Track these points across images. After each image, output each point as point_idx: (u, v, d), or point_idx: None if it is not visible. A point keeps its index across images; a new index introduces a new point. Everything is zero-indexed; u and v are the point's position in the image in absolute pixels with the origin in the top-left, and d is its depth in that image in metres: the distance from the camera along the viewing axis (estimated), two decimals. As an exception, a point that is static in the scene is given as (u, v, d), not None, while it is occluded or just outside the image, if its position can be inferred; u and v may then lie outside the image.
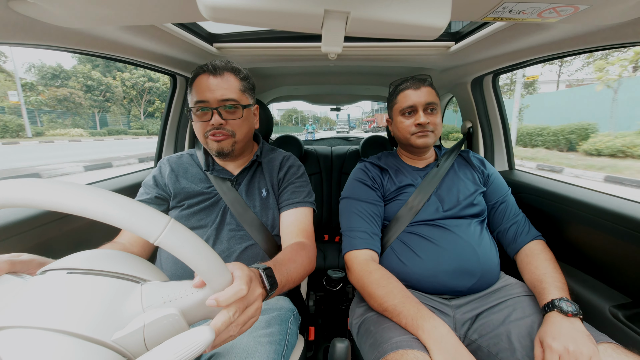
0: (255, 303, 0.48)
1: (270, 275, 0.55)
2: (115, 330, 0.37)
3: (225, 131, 0.84)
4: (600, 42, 0.79)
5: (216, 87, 0.81)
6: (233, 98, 0.83)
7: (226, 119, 0.83)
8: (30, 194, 0.34)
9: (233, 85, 0.83)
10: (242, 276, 0.45)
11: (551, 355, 0.62)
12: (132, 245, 0.81)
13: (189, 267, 0.39)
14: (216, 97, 0.81)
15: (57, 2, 0.57)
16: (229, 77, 0.84)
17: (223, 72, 0.83)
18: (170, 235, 0.37)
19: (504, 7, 0.58)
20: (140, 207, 0.37)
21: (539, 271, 0.82)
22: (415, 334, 0.68)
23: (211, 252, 0.42)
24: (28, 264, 0.48)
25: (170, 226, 0.37)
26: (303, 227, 0.87)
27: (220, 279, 0.43)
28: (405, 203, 0.96)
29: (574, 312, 0.68)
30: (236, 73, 0.86)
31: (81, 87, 25.25)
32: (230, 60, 0.87)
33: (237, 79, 0.85)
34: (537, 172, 1.84)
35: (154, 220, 0.37)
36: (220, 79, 0.82)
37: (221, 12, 0.42)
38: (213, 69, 0.82)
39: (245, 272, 0.47)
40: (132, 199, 0.38)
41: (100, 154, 11.86)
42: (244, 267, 0.49)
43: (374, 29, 0.47)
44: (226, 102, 0.82)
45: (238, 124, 0.85)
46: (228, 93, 0.82)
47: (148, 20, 0.71)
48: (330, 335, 1.41)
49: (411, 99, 0.97)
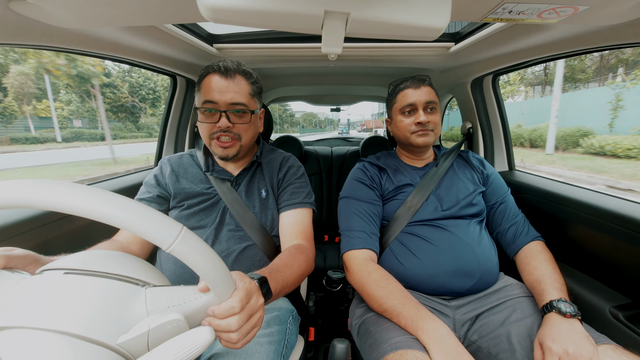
0: (257, 312, 0.49)
1: (263, 284, 0.56)
2: (119, 333, 0.37)
3: (232, 134, 0.83)
4: (600, 42, 0.79)
5: (226, 90, 0.80)
6: (243, 102, 0.82)
7: (234, 122, 0.82)
8: (47, 196, 0.34)
9: (244, 89, 0.83)
10: (240, 291, 0.46)
11: (551, 357, 0.62)
12: (131, 244, 0.81)
13: (189, 268, 0.39)
14: (226, 99, 0.80)
15: (57, 3, 0.57)
16: (240, 80, 0.83)
17: (235, 75, 0.82)
18: (182, 243, 0.38)
19: (503, 7, 0.58)
20: (154, 213, 0.38)
21: (537, 272, 0.82)
22: (415, 335, 0.68)
23: (219, 261, 0.42)
24: (23, 260, 0.47)
25: (183, 234, 0.38)
26: (302, 228, 0.87)
27: (225, 287, 0.44)
28: (404, 202, 0.96)
29: (572, 313, 0.68)
30: (247, 77, 0.85)
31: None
32: (241, 63, 0.86)
33: (248, 82, 0.84)
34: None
35: (168, 228, 0.37)
36: (231, 82, 0.81)
37: (221, 13, 0.42)
38: (225, 71, 0.81)
39: (245, 285, 0.48)
40: (147, 206, 0.38)
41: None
42: (245, 278, 0.50)
43: (374, 29, 0.47)
44: (235, 105, 0.81)
45: (245, 128, 0.84)
46: (238, 97, 0.81)
47: (148, 21, 0.71)
48: (330, 336, 1.41)
49: (411, 98, 0.97)
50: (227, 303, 0.44)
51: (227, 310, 0.44)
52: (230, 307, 0.44)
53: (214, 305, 0.44)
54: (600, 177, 6.47)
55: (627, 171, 6.69)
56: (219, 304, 0.44)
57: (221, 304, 0.44)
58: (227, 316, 0.44)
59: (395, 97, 1.03)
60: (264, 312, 0.52)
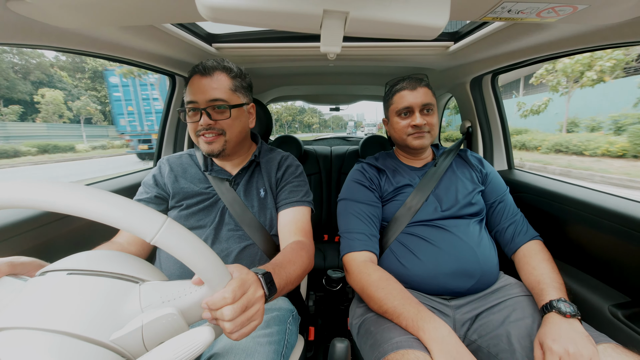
0: (256, 305, 0.48)
1: (269, 280, 0.55)
2: (113, 331, 0.37)
3: (215, 130, 0.83)
4: (599, 41, 0.79)
5: (205, 88, 0.81)
6: (221, 98, 0.82)
7: (215, 119, 0.83)
8: (24, 194, 0.34)
9: (223, 85, 0.83)
10: (234, 281, 0.45)
11: (552, 357, 0.62)
12: (130, 244, 0.81)
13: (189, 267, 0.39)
14: (205, 97, 0.81)
15: (55, 2, 0.57)
16: (219, 76, 0.83)
17: (213, 72, 0.83)
18: (166, 234, 0.37)
19: (502, 7, 0.58)
20: (136, 206, 0.37)
21: (536, 272, 0.82)
22: (416, 335, 0.68)
23: (209, 251, 0.41)
24: (28, 266, 0.48)
25: (166, 225, 0.37)
26: (301, 225, 0.87)
27: (219, 277, 0.43)
28: (403, 203, 0.96)
29: (572, 313, 0.69)
30: (228, 72, 0.85)
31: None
32: (225, 59, 0.87)
33: (228, 77, 0.85)
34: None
35: (150, 219, 0.37)
36: (210, 79, 0.82)
37: (220, 13, 0.42)
38: (203, 69, 0.83)
39: (242, 276, 0.47)
40: (128, 198, 0.38)
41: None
42: (242, 270, 0.49)
43: (373, 29, 0.47)
44: (215, 102, 0.82)
45: (228, 123, 0.84)
46: (217, 93, 0.82)
47: (147, 21, 0.71)
48: (330, 336, 1.41)
49: (407, 100, 0.97)
50: (220, 293, 0.43)
51: (220, 301, 0.43)
52: (222, 298, 0.43)
53: (208, 297, 0.43)
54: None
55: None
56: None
57: (214, 294, 0.43)
58: (220, 307, 0.43)
59: (391, 98, 1.02)
60: (263, 304, 0.50)
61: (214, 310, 0.43)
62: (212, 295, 0.43)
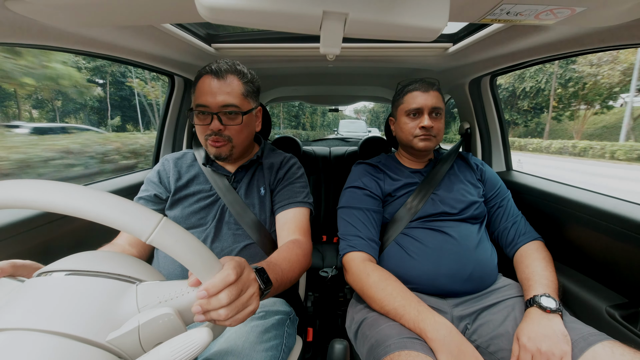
0: (250, 288, 0.47)
1: (263, 274, 0.55)
2: (110, 331, 0.37)
3: (223, 138, 0.83)
4: (597, 44, 0.80)
5: (218, 91, 0.80)
6: (234, 104, 0.81)
7: (226, 124, 0.82)
8: (16, 193, 0.33)
9: (236, 90, 0.82)
10: (230, 263, 0.45)
11: (525, 354, 0.64)
12: (131, 246, 0.81)
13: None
14: (217, 101, 0.80)
15: (54, 2, 0.57)
16: (232, 80, 0.82)
17: (226, 75, 0.81)
18: (162, 233, 0.37)
19: (501, 8, 0.58)
20: (132, 205, 0.37)
21: (528, 270, 0.83)
22: (420, 336, 0.69)
23: (205, 250, 0.41)
24: (29, 268, 0.49)
25: (162, 224, 0.37)
26: (300, 224, 0.87)
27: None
28: (404, 204, 0.96)
29: (552, 308, 0.69)
30: (240, 76, 0.84)
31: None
32: (237, 62, 0.85)
33: (241, 82, 0.83)
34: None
35: (146, 218, 0.37)
36: (223, 83, 0.81)
37: (219, 13, 0.42)
38: (217, 72, 0.81)
39: (235, 260, 0.47)
40: (124, 198, 0.37)
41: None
42: (233, 257, 0.49)
43: (372, 30, 0.47)
44: (227, 107, 0.81)
45: (237, 129, 0.84)
46: (229, 98, 0.81)
47: (146, 21, 0.71)
48: (329, 336, 1.41)
49: (418, 101, 0.97)
50: (222, 272, 0.42)
51: (223, 280, 0.42)
52: (226, 275, 0.42)
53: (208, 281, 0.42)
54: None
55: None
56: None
57: (215, 275, 0.42)
58: (222, 287, 0.42)
59: (402, 98, 1.02)
60: (257, 288, 0.49)
61: (213, 293, 0.42)
62: (213, 277, 0.42)
